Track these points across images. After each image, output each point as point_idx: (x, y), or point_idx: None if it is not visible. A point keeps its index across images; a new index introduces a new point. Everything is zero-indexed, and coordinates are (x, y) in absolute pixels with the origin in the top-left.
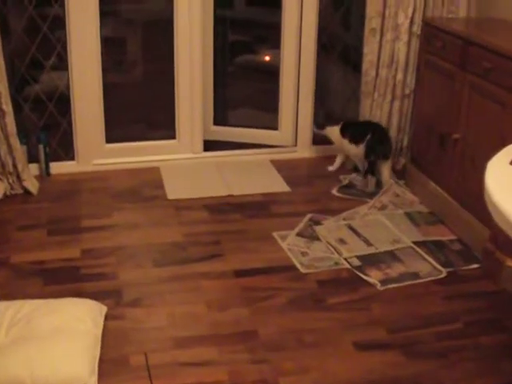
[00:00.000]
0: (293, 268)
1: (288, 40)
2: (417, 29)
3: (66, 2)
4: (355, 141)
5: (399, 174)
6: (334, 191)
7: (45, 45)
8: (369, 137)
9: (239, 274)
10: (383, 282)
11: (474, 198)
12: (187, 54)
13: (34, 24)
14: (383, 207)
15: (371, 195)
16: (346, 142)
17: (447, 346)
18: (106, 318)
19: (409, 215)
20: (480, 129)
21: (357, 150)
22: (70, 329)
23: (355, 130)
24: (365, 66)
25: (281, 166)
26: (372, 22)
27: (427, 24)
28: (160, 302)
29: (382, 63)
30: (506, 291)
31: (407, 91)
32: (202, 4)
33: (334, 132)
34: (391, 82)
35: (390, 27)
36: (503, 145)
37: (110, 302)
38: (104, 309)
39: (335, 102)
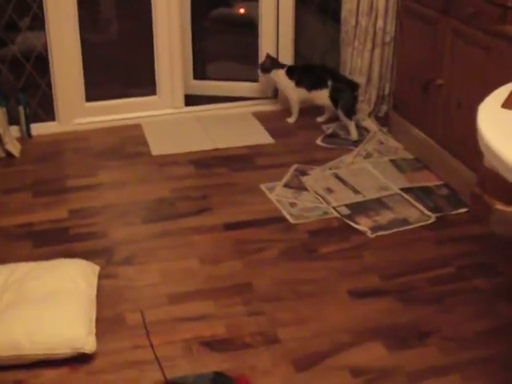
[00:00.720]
0: (282, 219)
1: None
2: None
3: None
4: (311, 86)
5: (382, 121)
6: (319, 141)
7: (20, 5)
8: (331, 83)
9: (229, 227)
10: (373, 229)
11: (460, 143)
12: (165, 8)
13: None
14: (368, 155)
15: (355, 143)
16: (291, 85)
17: (442, 290)
18: (99, 277)
19: (394, 162)
20: (464, 74)
21: (307, 95)
22: (64, 290)
23: (308, 75)
24: (344, 14)
25: (263, 118)
26: None
27: None
28: (152, 259)
29: (361, 11)
30: (494, 234)
31: (387, 39)
32: None
33: (279, 75)
34: (371, 29)
35: None
36: (487, 89)
37: (101, 261)
38: (97, 268)
39: (314, 52)
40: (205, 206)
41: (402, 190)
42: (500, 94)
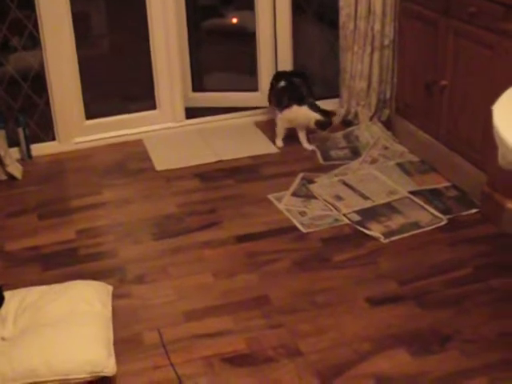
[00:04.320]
0: (294, 229)
1: (261, 1)
2: None
3: None
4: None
5: (385, 125)
6: (321, 161)
7: (15, 24)
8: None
9: (241, 239)
10: (386, 234)
11: (466, 143)
12: (161, 21)
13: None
14: (374, 161)
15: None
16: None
17: (459, 292)
18: (113, 297)
19: (400, 166)
20: (468, 74)
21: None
22: (80, 313)
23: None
24: (342, 19)
25: (265, 128)
26: None
27: None
28: (165, 276)
29: (359, 15)
30: (507, 233)
31: (386, 42)
32: None
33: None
34: (370, 33)
35: None
36: (493, 87)
37: (113, 281)
38: (110, 288)
39: (313, 59)
40: (214, 219)
41: (410, 193)
42: None
